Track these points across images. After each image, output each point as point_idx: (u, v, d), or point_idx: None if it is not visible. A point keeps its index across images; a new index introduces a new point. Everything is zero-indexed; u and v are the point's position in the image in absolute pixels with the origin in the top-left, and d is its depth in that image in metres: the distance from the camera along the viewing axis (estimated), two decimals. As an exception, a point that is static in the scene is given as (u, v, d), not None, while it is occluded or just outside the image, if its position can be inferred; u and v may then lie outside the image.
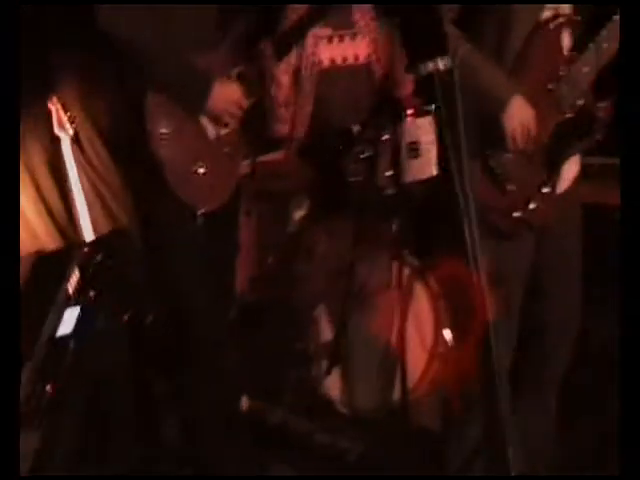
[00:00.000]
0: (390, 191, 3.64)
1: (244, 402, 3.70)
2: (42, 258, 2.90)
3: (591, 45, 2.66)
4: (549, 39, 2.70)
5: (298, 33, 3.57)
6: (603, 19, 2.65)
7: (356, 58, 4.46)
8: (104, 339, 2.56)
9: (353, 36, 4.46)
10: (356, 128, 3.77)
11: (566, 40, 2.74)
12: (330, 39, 4.40)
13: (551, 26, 2.69)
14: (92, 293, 2.57)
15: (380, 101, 4.15)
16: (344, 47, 4.43)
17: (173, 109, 3.04)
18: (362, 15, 4.46)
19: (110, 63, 3.14)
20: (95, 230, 3.73)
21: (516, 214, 2.73)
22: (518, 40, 2.69)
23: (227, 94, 3.11)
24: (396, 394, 3.54)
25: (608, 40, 2.63)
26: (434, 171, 3.63)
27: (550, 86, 2.71)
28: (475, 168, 2.66)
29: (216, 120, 3.14)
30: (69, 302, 2.58)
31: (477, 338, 2.86)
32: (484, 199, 2.58)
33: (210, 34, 3.16)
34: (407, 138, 3.54)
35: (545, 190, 2.75)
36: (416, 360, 3.49)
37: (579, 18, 2.73)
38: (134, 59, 2.97)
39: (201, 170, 3.12)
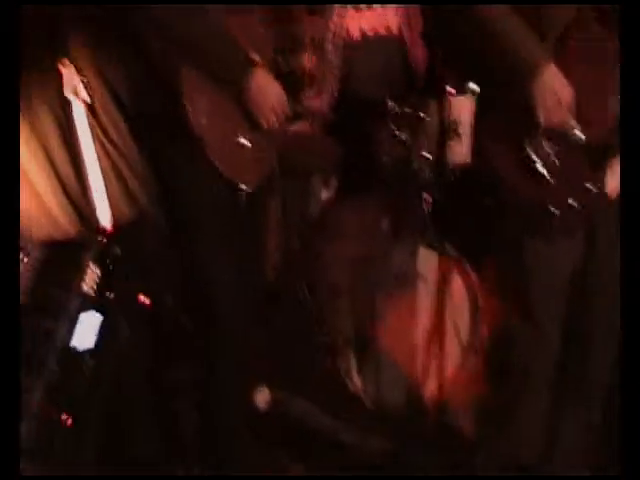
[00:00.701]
0: (427, 174, 3.40)
1: (264, 393, 3.49)
2: (54, 247, 2.60)
3: None
4: None
5: None
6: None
7: (387, 29, 4.23)
8: (127, 352, 2.22)
9: (384, 4, 4.22)
10: (390, 103, 3.51)
11: None
12: (358, 8, 4.16)
13: None
14: (112, 295, 2.24)
15: (416, 75, 3.92)
16: (373, 16, 4.20)
17: (209, 83, 2.82)
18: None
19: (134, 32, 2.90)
20: (113, 211, 3.52)
21: (554, 209, 2.45)
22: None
23: (268, 93, 2.91)
24: (428, 391, 3.33)
25: None
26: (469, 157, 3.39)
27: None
28: (510, 156, 2.44)
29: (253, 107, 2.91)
30: (85, 305, 2.26)
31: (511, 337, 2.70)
32: (520, 190, 2.42)
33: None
34: (446, 117, 3.28)
35: (589, 186, 2.46)
36: (451, 355, 3.28)
37: None
38: (166, 32, 2.77)
39: (243, 141, 2.90)
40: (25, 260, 2.54)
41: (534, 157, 2.39)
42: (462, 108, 3.38)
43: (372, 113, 3.81)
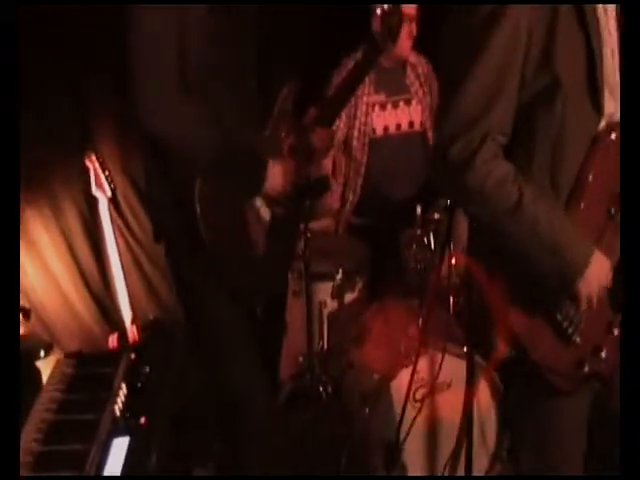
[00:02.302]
0: (455, 280, 3.40)
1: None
2: (81, 361, 2.56)
3: None
4: (607, 156, 2.21)
5: (344, 96, 3.32)
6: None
7: (411, 125, 4.28)
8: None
9: (407, 101, 4.27)
10: (419, 209, 3.52)
11: None
12: (383, 106, 4.23)
13: (608, 141, 2.21)
14: (143, 419, 2.17)
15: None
16: (398, 113, 4.25)
17: (224, 194, 2.81)
18: (416, 77, 4.27)
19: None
20: (136, 309, 3.51)
21: (586, 368, 2.28)
22: (573, 160, 2.21)
23: (283, 173, 2.88)
24: (455, 499, 3.29)
25: None
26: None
27: (612, 210, 2.24)
28: (535, 321, 2.24)
29: (272, 201, 2.91)
30: (117, 429, 2.19)
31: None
32: (548, 357, 2.26)
33: (255, 113, 2.93)
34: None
35: (616, 332, 2.30)
36: (478, 462, 3.23)
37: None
38: (178, 152, 2.73)
39: (258, 254, 2.89)
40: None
41: (565, 324, 2.30)
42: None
43: (399, 215, 3.82)
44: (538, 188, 2.17)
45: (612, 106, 2.23)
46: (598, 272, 2.20)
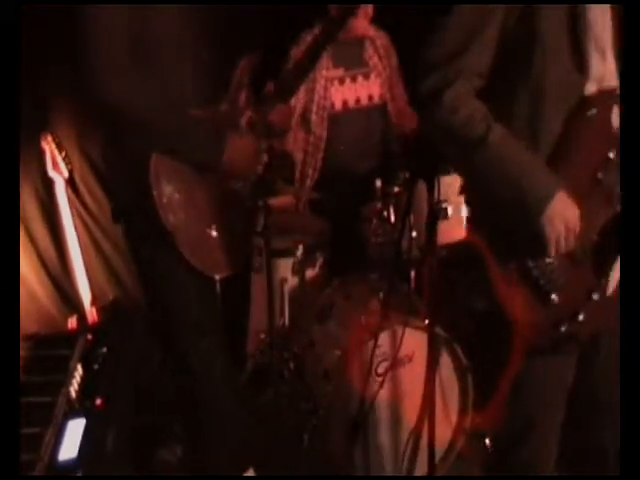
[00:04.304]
0: (415, 254, 3.38)
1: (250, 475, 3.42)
2: (38, 343, 2.52)
3: None
4: (598, 122, 2.26)
5: (302, 70, 3.29)
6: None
7: (370, 98, 4.25)
8: (114, 460, 2.10)
9: (366, 75, 4.24)
10: (378, 183, 3.49)
11: (615, 118, 2.29)
12: (342, 80, 4.19)
13: (600, 108, 2.25)
14: (99, 400, 2.13)
15: (404, 153, 3.92)
16: (357, 87, 4.22)
17: (180, 170, 2.77)
18: (375, 50, 4.24)
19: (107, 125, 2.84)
20: (95, 290, 3.46)
21: (563, 328, 2.31)
22: (555, 117, 2.24)
23: (240, 147, 2.84)
24: (420, 471, 3.28)
25: None
26: (464, 233, 3.37)
27: (599, 175, 2.28)
28: (513, 278, 2.28)
29: (229, 176, 2.87)
30: (72, 411, 2.14)
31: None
32: (525, 315, 2.28)
33: (211, 85, 2.89)
34: (435, 196, 3.26)
35: (595, 297, 2.35)
36: (441, 435, 3.22)
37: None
38: (133, 122, 2.69)
39: (214, 233, 2.87)
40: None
41: (541, 280, 2.31)
42: (451, 188, 3.37)
43: (359, 190, 3.79)
44: (508, 130, 2.20)
45: (602, 69, 2.26)
46: (562, 210, 2.22)
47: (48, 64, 4.09)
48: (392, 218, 3.50)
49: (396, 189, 3.53)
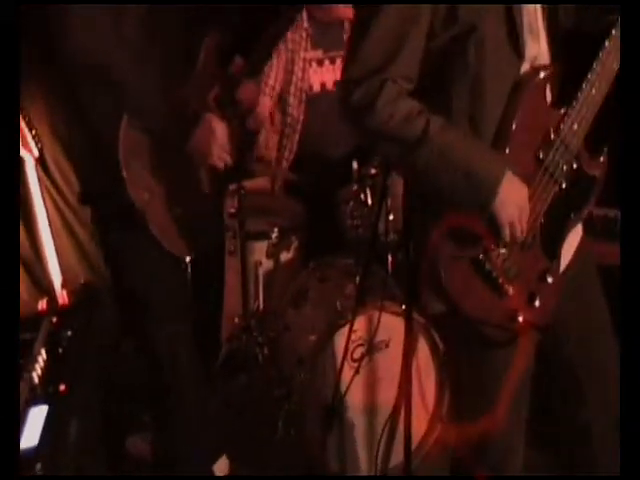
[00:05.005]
0: (392, 237, 3.32)
1: (223, 462, 3.37)
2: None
3: (579, 95, 2.22)
4: (532, 99, 2.21)
5: (271, 45, 3.23)
6: (585, 65, 2.26)
7: (347, 81, 4.16)
8: (78, 449, 2.02)
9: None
10: (355, 165, 3.43)
11: (549, 97, 2.27)
12: (321, 62, 4.11)
13: (533, 83, 2.21)
14: (62, 386, 2.03)
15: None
16: (335, 69, 4.14)
17: (150, 148, 2.71)
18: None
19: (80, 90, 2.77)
20: (66, 273, 3.39)
21: (520, 318, 2.24)
22: (495, 105, 2.20)
23: (209, 127, 2.78)
24: (395, 459, 3.23)
25: (597, 85, 2.23)
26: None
27: (541, 154, 2.23)
28: (465, 274, 2.21)
29: (199, 156, 2.81)
30: (35, 398, 2.04)
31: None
32: (480, 310, 2.23)
33: (180, 62, 2.83)
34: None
35: (550, 279, 2.29)
36: (418, 423, 3.17)
37: (559, 68, 2.30)
38: (106, 87, 2.62)
39: (185, 213, 2.81)
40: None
41: (494, 272, 2.22)
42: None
43: (336, 172, 3.73)
44: (446, 120, 2.15)
45: (535, 49, 2.23)
46: (513, 192, 2.17)
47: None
48: (369, 201, 3.43)
49: (373, 171, 3.46)
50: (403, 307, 3.04)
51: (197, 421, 3.06)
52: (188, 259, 2.91)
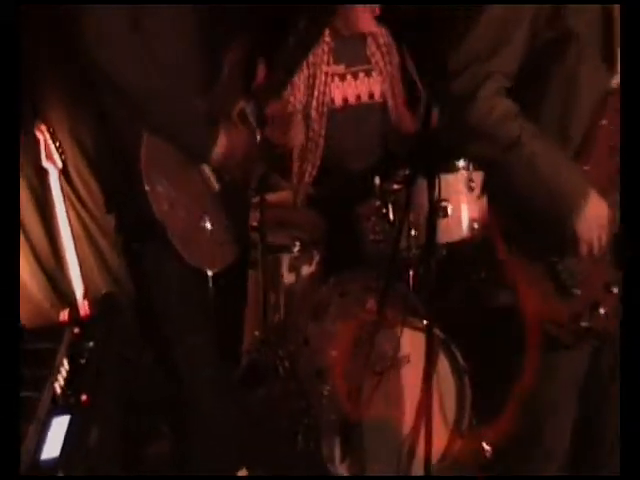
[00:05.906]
0: (414, 253, 3.31)
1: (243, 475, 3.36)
2: (25, 336, 2.44)
3: None
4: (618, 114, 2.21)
5: (297, 57, 3.23)
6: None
7: (371, 96, 4.18)
8: (97, 459, 2.03)
9: (368, 72, 4.17)
10: (377, 180, 3.42)
11: None
12: (343, 77, 4.12)
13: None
14: (84, 396, 2.05)
15: (404, 151, 3.86)
16: (358, 84, 4.15)
17: (173, 159, 2.70)
18: (377, 47, 4.17)
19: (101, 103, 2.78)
20: (87, 283, 3.40)
21: (584, 323, 2.29)
22: (585, 115, 2.22)
23: (232, 139, 2.78)
24: (415, 474, 3.21)
25: None
26: (464, 232, 3.31)
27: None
28: (536, 274, 2.27)
29: (222, 168, 2.81)
30: (56, 408, 2.06)
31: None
32: (546, 310, 2.26)
33: (204, 72, 2.82)
34: (435, 195, 3.19)
35: (615, 290, 2.31)
36: (437, 439, 3.15)
37: None
38: (126, 99, 2.62)
39: (207, 226, 2.79)
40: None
41: (563, 275, 2.26)
42: (452, 186, 3.31)
43: (357, 187, 3.73)
44: (537, 129, 2.18)
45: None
46: (595, 212, 2.20)
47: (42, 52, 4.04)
48: (391, 216, 3.43)
49: (395, 186, 3.45)
50: (424, 322, 3.02)
51: (216, 433, 3.05)
52: (210, 272, 2.89)
